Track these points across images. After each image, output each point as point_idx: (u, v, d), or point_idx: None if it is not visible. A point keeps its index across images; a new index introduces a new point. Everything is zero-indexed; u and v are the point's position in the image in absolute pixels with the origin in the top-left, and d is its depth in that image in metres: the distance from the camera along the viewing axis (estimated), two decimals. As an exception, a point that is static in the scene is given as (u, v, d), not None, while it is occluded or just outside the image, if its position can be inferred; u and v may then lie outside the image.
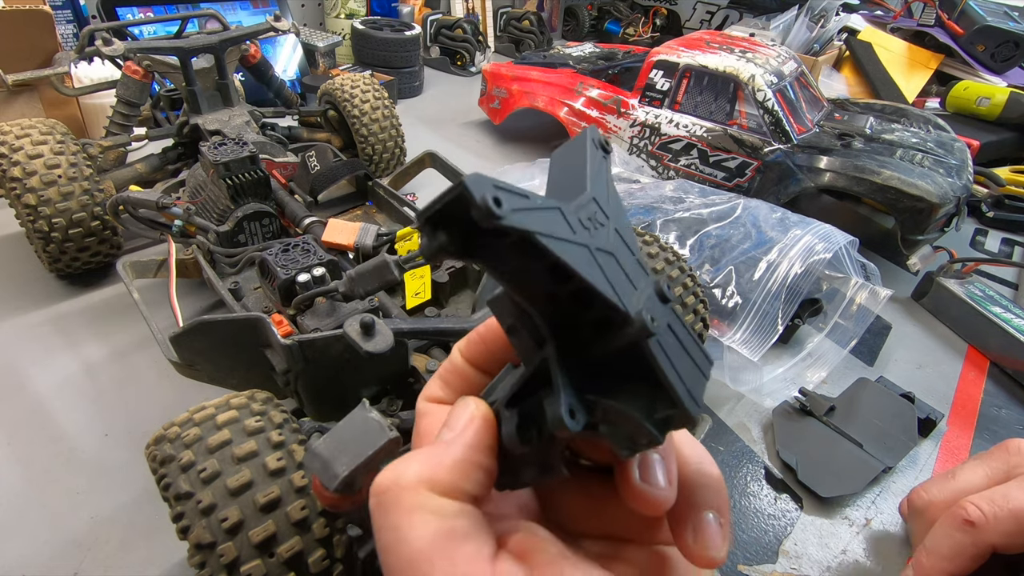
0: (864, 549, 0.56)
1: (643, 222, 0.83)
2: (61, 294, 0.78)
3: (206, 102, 0.86)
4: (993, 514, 0.41)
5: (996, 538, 0.40)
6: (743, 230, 0.79)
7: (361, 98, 0.97)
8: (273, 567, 0.34)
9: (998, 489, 0.42)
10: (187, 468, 0.36)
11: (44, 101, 0.98)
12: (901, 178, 0.88)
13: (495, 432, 0.19)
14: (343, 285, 0.48)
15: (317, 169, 0.82)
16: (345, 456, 0.30)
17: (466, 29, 1.79)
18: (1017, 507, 0.40)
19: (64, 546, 0.50)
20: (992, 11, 1.50)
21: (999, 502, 0.41)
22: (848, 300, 0.80)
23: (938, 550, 0.43)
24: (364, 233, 0.65)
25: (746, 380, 0.71)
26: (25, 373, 0.66)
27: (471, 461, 0.18)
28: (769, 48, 1.09)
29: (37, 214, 0.70)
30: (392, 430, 0.31)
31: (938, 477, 0.49)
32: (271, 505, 0.35)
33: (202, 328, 0.49)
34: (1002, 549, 0.40)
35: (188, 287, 0.75)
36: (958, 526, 0.42)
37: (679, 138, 1.07)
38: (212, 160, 0.68)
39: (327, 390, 0.50)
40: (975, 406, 0.74)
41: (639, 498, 0.18)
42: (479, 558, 0.17)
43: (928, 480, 0.50)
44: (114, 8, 1.19)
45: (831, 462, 0.62)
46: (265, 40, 1.35)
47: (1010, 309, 0.83)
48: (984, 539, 0.40)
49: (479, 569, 0.17)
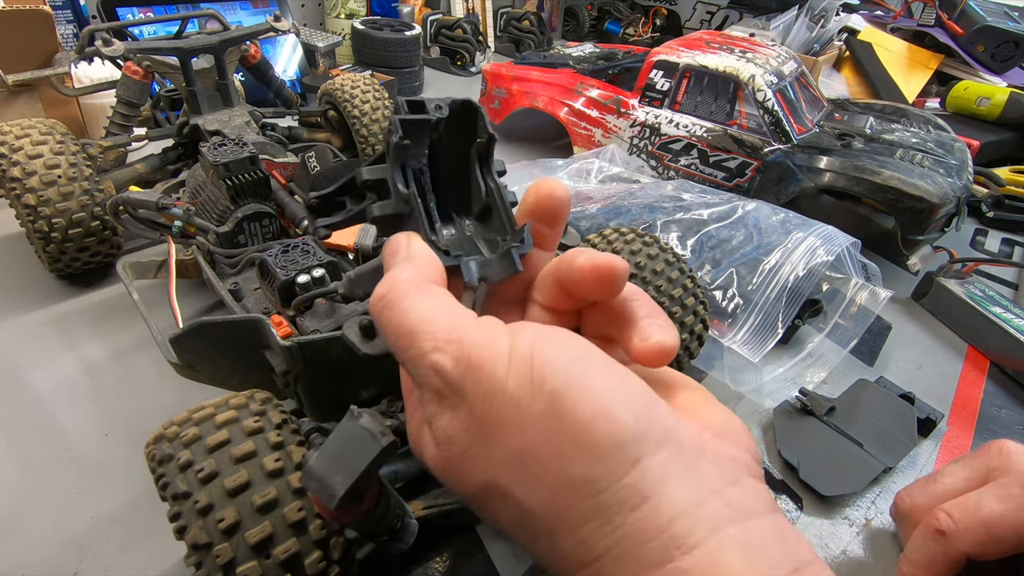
0: (864, 549, 0.56)
1: (643, 222, 0.83)
2: (61, 294, 0.78)
3: (206, 102, 0.86)
4: (964, 523, 0.40)
5: (967, 547, 0.39)
6: (744, 231, 0.79)
7: (361, 98, 0.97)
8: (269, 568, 0.34)
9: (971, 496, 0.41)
10: (185, 468, 0.36)
11: (44, 101, 0.98)
12: (901, 178, 0.88)
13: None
14: (343, 286, 0.48)
15: (317, 169, 0.82)
16: (340, 474, 0.30)
17: (466, 29, 1.79)
18: (987, 516, 0.39)
19: (64, 546, 0.50)
20: (992, 11, 1.49)
21: (970, 510, 0.40)
22: (848, 300, 0.80)
23: (915, 559, 0.42)
24: (364, 234, 0.65)
25: (746, 380, 0.71)
26: (25, 373, 0.66)
27: (433, 261, 0.25)
28: (769, 48, 1.09)
29: (37, 214, 0.70)
30: (386, 435, 0.30)
31: (921, 481, 0.48)
32: (268, 506, 0.35)
33: (202, 329, 0.49)
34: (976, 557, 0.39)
35: (188, 288, 0.75)
36: (931, 535, 0.41)
37: (679, 138, 1.07)
38: (212, 161, 0.68)
39: (327, 391, 0.50)
40: (975, 406, 0.74)
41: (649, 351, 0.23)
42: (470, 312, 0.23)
43: (913, 483, 0.50)
44: (114, 8, 1.19)
45: (831, 462, 0.62)
46: (265, 40, 1.35)
47: (1010, 309, 0.83)
48: (956, 548, 0.40)
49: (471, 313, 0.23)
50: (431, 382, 0.22)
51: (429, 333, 0.22)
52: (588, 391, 0.20)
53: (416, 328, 0.22)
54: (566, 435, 0.20)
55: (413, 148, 0.27)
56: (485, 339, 0.22)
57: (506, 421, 0.21)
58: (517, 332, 0.22)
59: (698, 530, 0.19)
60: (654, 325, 0.24)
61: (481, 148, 0.28)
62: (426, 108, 0.27)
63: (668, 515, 0.19)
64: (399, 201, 0.26)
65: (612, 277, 0.24)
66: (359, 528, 0.38)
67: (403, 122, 0.26)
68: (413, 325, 0.22)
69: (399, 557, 0.44)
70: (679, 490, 0.19)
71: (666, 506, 0.19)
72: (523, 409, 0.20)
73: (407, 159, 0.27)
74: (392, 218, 0.27)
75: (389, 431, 0.31)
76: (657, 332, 0.24)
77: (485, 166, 0.29)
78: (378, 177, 0.27)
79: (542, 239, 0.28)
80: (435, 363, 0.22)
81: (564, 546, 0.20)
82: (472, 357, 0.21)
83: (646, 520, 0.19)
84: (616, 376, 0.21)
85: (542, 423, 0.20)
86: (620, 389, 0.21)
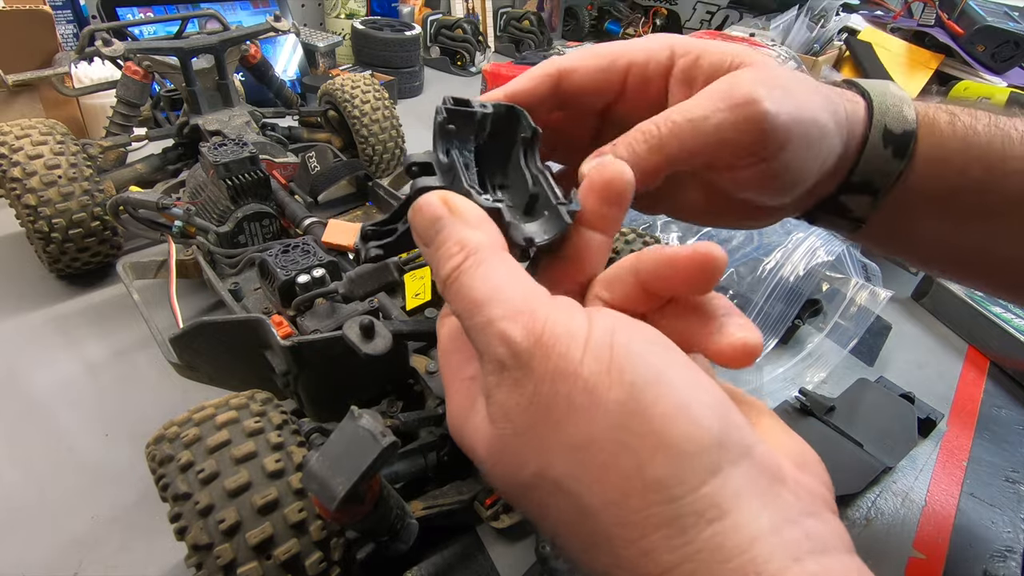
0: (864, 549, 0.56)
1: (644, 222, 0.83)
2: (61, 294, 0.78)
3: (206, 102, 0.86)
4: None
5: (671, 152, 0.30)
6: (745, 231, 0.79)
7: (361, 98, 0.97)
8: (270, 569, 0.34)
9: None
10: (185, 468, 0.36)
11: (44, 101, 0.98)
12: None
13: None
14: (343, 286, 0.48)
15: (317, 170, 0.82)
16: (340, 474, 0.30)
17: (466, 29, 1.78)
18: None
19: (64, 546, 0.50)
20: (992, 11, 1.49)
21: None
22: (848, 300, 0.80)
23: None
24: (364, 234, 0.65)
25: (746, 380, 0.71)
26: (25, 373, 0.66)
27: (487, 219, 0.23)
28: (769, 48, 1.09)
29: (37, 214, 0.70)
30: (386, 435, 0.30)
31: None
32: (269, 507, 0.35)
33: (202, 329, 0.49)
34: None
35: (188, 288, 0.75)
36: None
37: (679, 138, 1.07)
38: (212, 161, 0.68)
39: (327, 391, 0.50)
40: (975, 406, 0.74)
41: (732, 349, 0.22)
42: (540, 287, 0.22)
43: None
44: (114, 8, 1.19)
45: (831, 462, 0.61)
46: (265, 40, 1.35)
47: (1010, 309, 0.83)
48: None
49: (545, 289, 0.22)
50: (495, 351, 0.20)
51: (500, 301, 0.21)
52: (671, 387, 0.19)
53: (488, 295, 0.21)
54: (643, 431, 0.18)
55: (457, 135, 0.27)
56: (561, 315, 0.20)
57: (576, 406, 0.19)
58: (595, 314, 0.21)
59: (777, 557, 0.17)
60: (735, 323, 0.22)
61: (526, 141, 0.29)
62: (472, 104, 0.28)
63: (749, 535, 0.17)
64: (442, 174, 0.26)
65: (712, 267, 0.21)
66: (360, 529, 0.38)
67: (449, 111, 0.27)
68: (488, 292, 0.21)
69: (399, 557, 0.44)
70: (760, 510, 0.18)
71: (747, 525, 0.17)
72: (597, 396, 0.19)
73: (451, 144, 0.27)
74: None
75: (389, 431, 0.31)
76: (739, 330, 0.22)
77: (531, 155, 0.29)
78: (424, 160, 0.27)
79: (604, 222, 0.25)
80: (503, 331, 0.20)
81: (625, 556, 0.18)
82: (545, 332, 0.20)
83: (724, 536, 0.17)
84: (699, 379, 0.20)
85: (617, 414, 0.18)
86: (704, 392, 0.19)
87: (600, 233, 0.25)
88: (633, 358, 0.19)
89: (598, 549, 0.19)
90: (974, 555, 0.57)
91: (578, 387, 0.19)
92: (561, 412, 0.19)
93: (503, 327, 0.20)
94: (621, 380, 0.19)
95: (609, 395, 0.19)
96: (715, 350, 0.22)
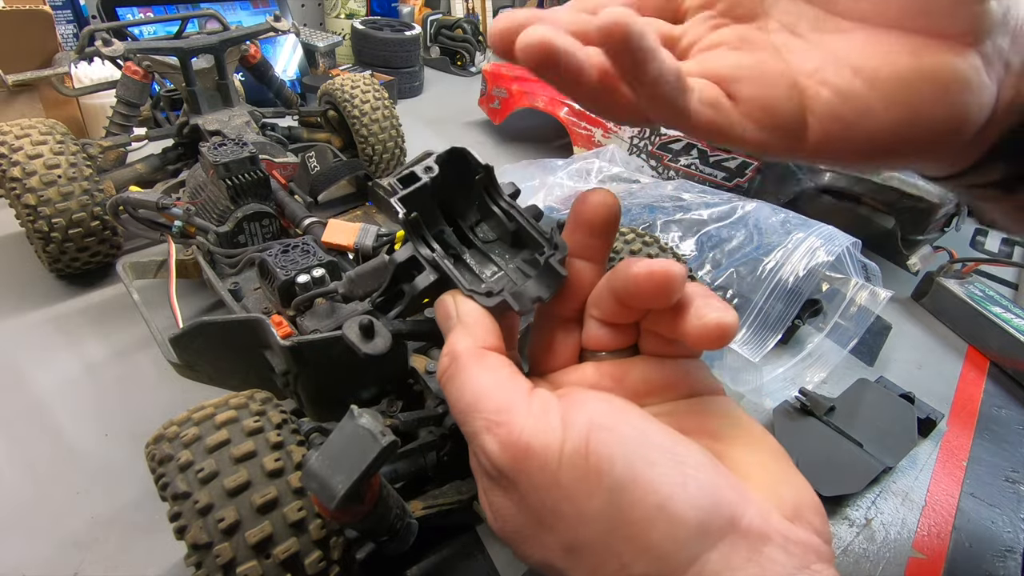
0: (864, 549, 0.56)
1: (643, 222, 0.83)
2: (61, 294, 0.78)
3: (206, 102, 0.86)
4: None
5: None
6: (744, 231, 0.79)
7: (361, 98, 0.97)
8: (269, 568, 0.34)
9: None
10: (185, 468, 0.36)
11: (44, 101, 0.98)
12: (901, 178, 0.88)
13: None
14: (343, 286, 0.48)
15: (317, 169, 0.82)
16: (340, 473, 0.30)
17: (466, 29, 1.79)
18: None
19: (64, 546, 0.50)
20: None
21: None
22: (848, 300, 0.79)
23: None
24: (364, 234, 0.65)
25: (746, 380, 0.71)
26: (25, 373, 0.66)
27: (482, 318, 0.25)
28: (769, 48, 1.09)
29: (37, 214, 0.70)
30: (386, 435, 0.30)
31: None
32: (268, 506, 0.35)
33: (202, 329, 0.49)
34: None
35: (188, 287, 0.75)
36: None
37: (679, 138, 1.07)
38: (212, 161, 0.68)
39: (327, 391, 0.50)
40: (975, 406, 0.74)
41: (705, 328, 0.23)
42: (524, 386, 0.23)
43: None
44: (114, 8, 1.19)
45: (831, 461, 0.62)
46: (265, 40, 1.35)
47: (1010, 309, 0.83)
48: None
49: (523, 390, 0.23)
50: (482, 461, 0.23)
51: (480, 410, 0.22)
52: (647, 486, 0.20)
53: (472, 404, 0.23)
54: (625, 535, 0.20)
55: (425, 216, 0.28)
56: (535, 424, 0.22)
57: (561, 515, 0.21)
58: (570, 413, 0.22)
59: None
60: (709, 305, 0.23)
61: (483, 181, 0.29)
62: (417, 176, 0.28)
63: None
64: (431, 269, 0.28)
65: (668, 283, 0.23)
66: (359, 528, 0.38)
67: (402, 200, 0.27)
68: (469, 400, 0.23)
69: (399, 557, 0.44)
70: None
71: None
72: (579, 505, 0.20)
73: (423, 230, 0.28)
74: (437, 284, 0.28)
75: (389, 431, 0.31)
76: (712, 311, 0.23)
77: (495, 195, 0.29)
78: (407, 256, 0.29)
79: (591, 251, 0.27)
80: (483, 446, 0.22)
81: None
82: (520, 444, 0.21)
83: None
84: (677, 462, 0.20)
85: (600, 521, 0.20)
86: (680, 480, 0.20)
87: (589, 262, 0.27)
88: (609, 462, 0.20)
89: None
90: (974, 555, 0.57)
91: (561, 497, 0.21)
92: (550, 520, 0.21)
93: (483, 441, 0.22)
94: (600, 486, 0.20)
95: (591, 504, 0.20)
96: (693, 334, 0.23)
